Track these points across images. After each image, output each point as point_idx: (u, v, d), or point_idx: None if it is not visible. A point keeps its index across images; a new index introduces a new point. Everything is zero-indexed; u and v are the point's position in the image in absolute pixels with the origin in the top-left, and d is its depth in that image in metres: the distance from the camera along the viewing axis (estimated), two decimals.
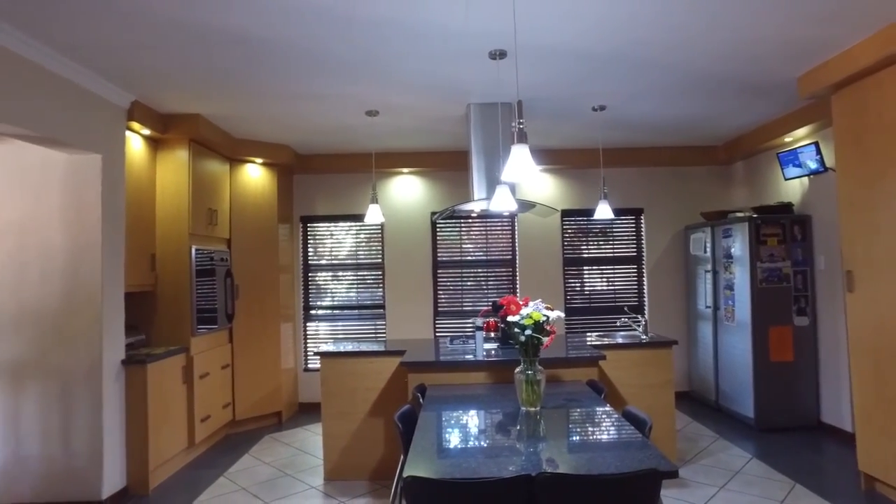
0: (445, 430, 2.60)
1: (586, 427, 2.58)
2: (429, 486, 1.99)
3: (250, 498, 3.80)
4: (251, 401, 5.48)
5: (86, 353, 3.75)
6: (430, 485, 1.98)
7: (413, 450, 2.34)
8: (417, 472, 2.06)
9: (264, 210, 5.68)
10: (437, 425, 2.67)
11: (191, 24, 2.94)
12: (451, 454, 2.28)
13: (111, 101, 3.90)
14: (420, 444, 2.39)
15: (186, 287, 4.66)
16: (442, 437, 2.49)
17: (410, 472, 2.05)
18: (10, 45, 3.01)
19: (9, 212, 3.82)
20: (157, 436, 4.09)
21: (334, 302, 6.41)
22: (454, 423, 2.71)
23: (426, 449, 2.34)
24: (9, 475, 3.71)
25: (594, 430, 2.52)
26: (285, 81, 3.83)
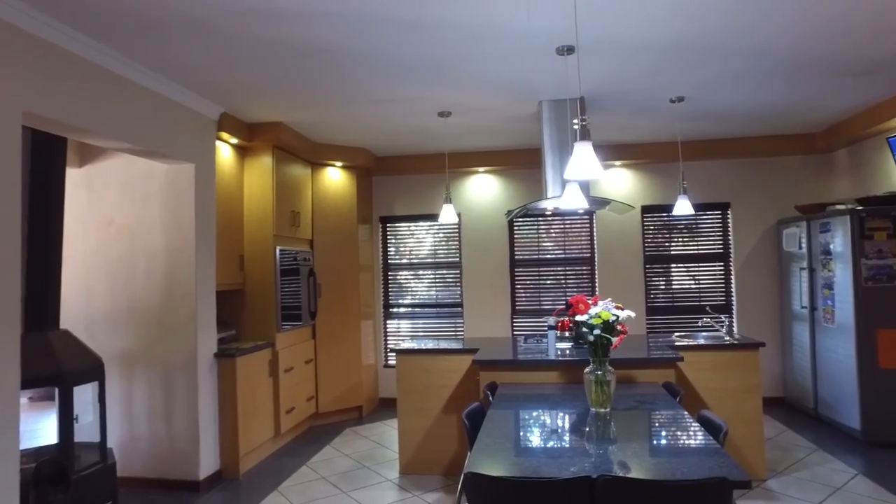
0: (511, 429, 2.60)
1: (656, 430, 2.50)
2: (488, 484, 2.01)
3: (329, 487, 3.98)
4: (333, 395, 5.73)
5: (183, 345, 4.09)
6: (490, 482, 2.00)
7: (476, 447, 2.36)
8: (478, 469, 2.09)
9: (344, 211, 5.91)
10: (503, 423, 2.68)
11: (275, 39, 3.13)
12: (514, 452, 2.28)
13: (203, 113, 4.22)
14: (484, 442, 2.41)
15: (271, 286, 4.94)
16: (507, 436, 2.50)
17: (471, 469, 2.08)
18: (115, 68, 3.33)
19: (122, 218, 4.22)
20: (246, 424, 4.38)
21: (413, 300, 6.55)
22: (520, 422, 2.71)
23: (489, 446, 2.36)
24: (125, 452, 4.12)
25: (664, 434, 2.44)
26: (361, 87, 3.97)
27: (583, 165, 2.37)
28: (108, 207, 4.26)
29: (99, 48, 3.16)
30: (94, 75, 3.21)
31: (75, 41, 3.03)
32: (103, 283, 4.24)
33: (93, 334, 4.22)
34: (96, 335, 4.21)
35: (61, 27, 2.91)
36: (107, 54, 3.23)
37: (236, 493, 3.95)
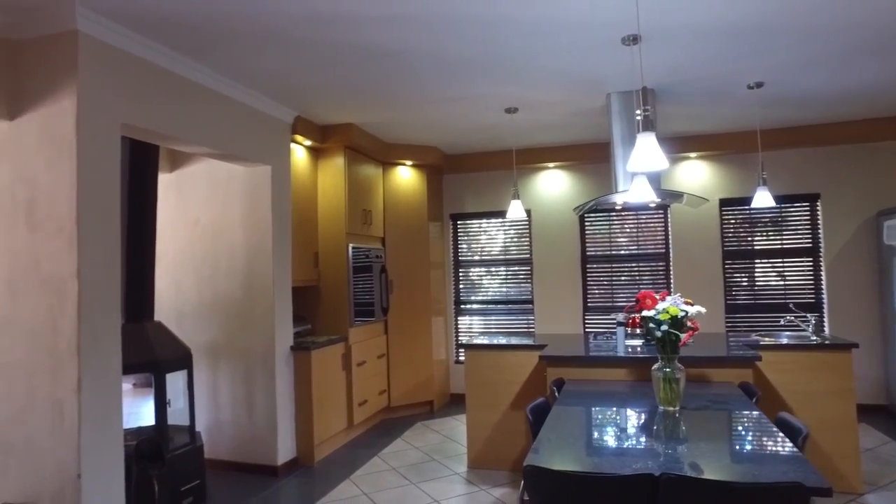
0: (575, 424, 2.58)
1: (727, 431, 2.39)
2: (547, 477, 2.00)
3: (399, 478, 4.09)
4: (405, 389, 5.86)
5: (262, 338, 4.32)
6: (549, 475, 2.00)
7: (538, 440, 2.36)
8: (538, 463, 2.09)
9: (415, 209, 6.02)
10: (567, 419, 2.66)
11: (344, 44, 3.25)
12: (576, 447, 2.26)
13: (278, 117, 4.43)
14: (546, 436, 2.40)
15: (344, 282, 5.12)
16: (570, 431, 2.48)
17: (530, 462, 2.09)
18: (199, 79, 3.57)
19: (206, 217, 4.52)
20: (320, 415, 4.56)
21: (484, 297, 6.58)
22: (585, 418, 2.68)
23: (551, 440, 2.34)
24: (212, 436, 4.42)
25: (735, 436, 2.33)
26: (428, 86, 4.04)
27: (646, 157, 2.30)
28: (194, 208, 4.57)
29: (185, 62, 3.41)
30: (181, 87, 3.46)
31: (164, 56, 3.28)
32: (190, 278, 4.56)
33: (182, 326, 4.54)
34: (185, 327, 4.54)
35: (153, 45, 3.16)
36: (192, 67, 3.47)
37: (311, 480, 4.14)
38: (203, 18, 2.90)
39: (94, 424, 2.82)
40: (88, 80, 2.87)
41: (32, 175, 2.90)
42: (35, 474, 2.82)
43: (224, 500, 3.79)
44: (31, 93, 2.91)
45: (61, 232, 2.82)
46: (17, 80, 2.94)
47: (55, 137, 2.85)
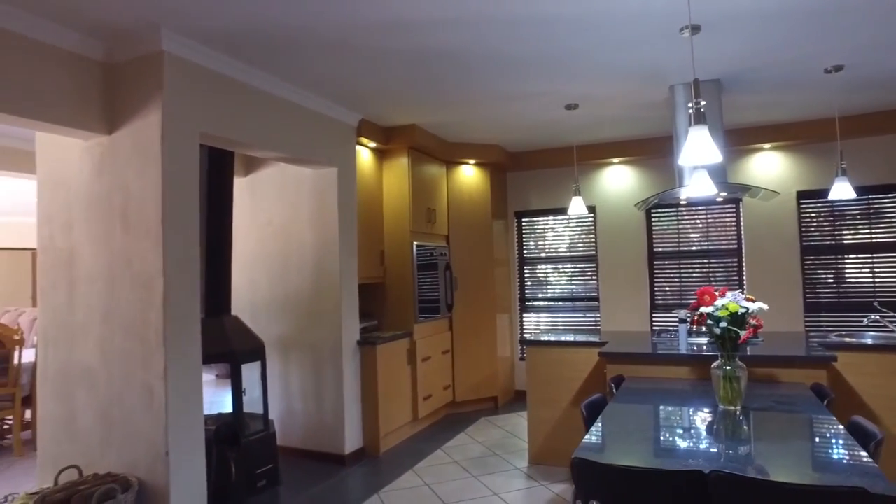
0: (629, 420, 2.57)
1: (789, 432, 2.31)
2: (595, 470, 2.02)
3: (461, 471, 4.18)
4: (469, 384, 5.94)
5: (330, 332, 4.53)
6: (596, 468, 2.01)
7: (589, 434, 2.38)
8: (586, 455, 2.11)
9: (479, 207, 6.09)
10: (621, 415, 2.65)
11: (405, 49, 3.38)
12: (627, 442, 2.26)
13: (343, 121, 4.63)
14: (598, 431, 2.41)
15: (409, 279, 5.26)
16: (623, 426, 2.47)
17: (579, 455, 2.11)
18: (269, 88, 3.81)
19: (278, 218, 4.79)
20: (386, 407, 4.73)
21: (549, 294, 6.56)
22: (640, 414, 2.66)
23: (603, 435, 2.36)
24: (285, 424, 4.68)
25: (798, 437, 2.25)
26: (487, 86, 4.10)
27: (698, 151, 2.26)
28: (267, 209, 4.86)
29: (256, 73, 3.65)
30: (253, 97, 3.71)
31: (238, 69, 3.52)
32: (264, 275, 4.85)
33: (257, 320, 4.84)
34: (259, 321, 4.83)
35: (227, 59, 3.40)
36: (263, 78, 3.71)
37: (377, 469, 4.31)
38: (272, 33, 3.10)
39: (178, 408, 3.09)
40: (171, 94, 3.14)
41: (126, 183, 3.20)
42: (132, 449, 3.13)
43: (295, 485, 4.02)
44: (126, 110, 3.22)
45: (149, 234, 3.11)
46: (115, 99, 3.26)
47: (144, 149, 3.14)
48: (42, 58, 2.96)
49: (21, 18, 2.82)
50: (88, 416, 3.30)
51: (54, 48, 3.02)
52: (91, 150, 3.34)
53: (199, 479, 3.18)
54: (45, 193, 3.57)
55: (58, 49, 3.03)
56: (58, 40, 3.01)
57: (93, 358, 3.29)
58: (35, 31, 2.90)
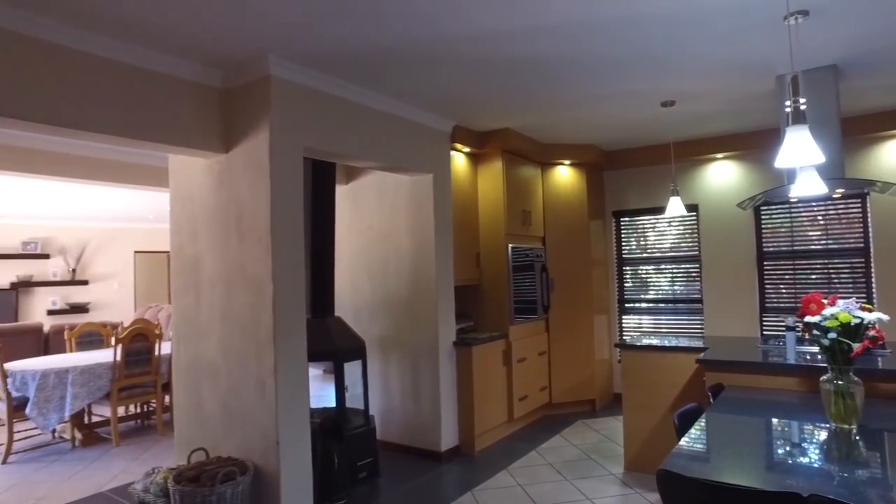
0: (723, 432, 2.46)
1: None
2: (681, 484, 1.98)
3: (554, 473, 4.18)
4: (566, 386, 5.89)
5: (427, 333, 4.70)
6: (682, 482, 1.97)
7: (678, 446, 2.32)
8: (673, 468, 2.07)
9: (575, 208, 6.01)
10: (715, 427, 2.55)
11: (496, 57, 3.45)
12: (719, 456, 2.19)
13: (437, 128, 4.78)
14: (688, 442, 2.34)
15: (505, 281, 5.32)
16: (716, 439, 2.38)
17: (666, 467, 2.07)
18: (365, 101, 4.02)
19: (377, 223, 5.04)
20: (481, 407, 4.83)
21: (649, 295, 6.35)
22: (737, 427, 2.54)
23: (694, 447, 2.29)
24: (384, 420, 4.93)
25: None
26: (579, 88, 4.06)
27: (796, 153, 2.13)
28: (367, 215, 5.12)
29: (354, 89, 3.87)
30: (351, 110, 3.94)
31: (336, 86, 3.76)
32: (365, 278, 5.12)
33: (359, 320, 5.12)
34: (361, 321, 5.11)
35: (327, 77, 3.65)
36: (360, 92, 3.93)
37: (471, 467, 4.42)
38: (366, 52, 3.29)
39: (287, 401, 3.37)
40: (278, 114, 3.43)
41: (240, 196, 3.54)
42: (248, 436, 3.46)
43: (394, 478, 4.23)
44: (240, 130, 3.56)
45: (260, 241, 3.42)
46: (230, 120, 3.61)
47: (255, 164, 3.46)
48: (173, 90, 3.36)
49: (155, 57, 3.22)
50: (212, 406, 3.69)
51: (181, 80, 3.41)
52: (211, 168, 3.73)
53: (305, 466, 3.46)
54: (175, 206, 4.03)
55: (184, 80, 3.42)
56: (184, 73, 3.40)
57: (215, 354, 3.68)
58: (166, 67, 3.30)
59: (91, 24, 2.86)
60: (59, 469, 4.67)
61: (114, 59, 3.10)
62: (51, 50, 2.87)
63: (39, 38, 2.82)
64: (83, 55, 2.99)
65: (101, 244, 10.72)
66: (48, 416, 5.00)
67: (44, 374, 5.01)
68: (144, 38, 3.04)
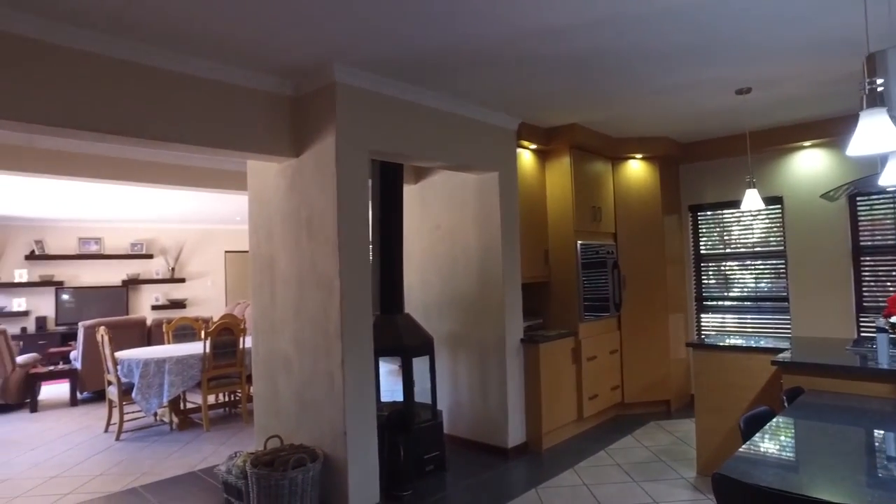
0: (791, 438, 2.34)
1: None
2: (738, 490, 1.91)
3: (622, 474, 4.10)
4: (639, 386, 5.74)
5: (494, 330, 4.73)
6: (740, 488, 1.91)
7: (740, 450, 2.23)
8: (731, 473, 2.00)
9: (648, 203, 5.83)
10: (786, 432, 2.42)
11: (562, 53, 3.43)
12: (782, 463, 2.08)
13: (502, 126, 4.79)
14: (753, 447, 2.25)
15: (574, 278, 5.26)
16: (784, 445, 2.27)
17: (723, 471, 2.00)
18: (428, 102, 4.11)
19: (445, 222, 5.13)
20: (549, 405, 4.80)
21: (730, 293, 6.04)
22: (810, 433, 2.40)
23: (757, 452, 2.19)
24: (453, 415, 5.02)
25: None
26: (647, 80, 3.95)
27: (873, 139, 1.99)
28: (435, 214, 5.22)
29: (418, 91, 3.97)
30: (416, 112, 4.04)
31: (400, 89, 3.87)
32: (434, 276, 5.22)
33: (428, 317, 5.24)
34: (430, 318, 5.22)
35: (390, 81, 3.77)
36: (423, 94, 4.02)
37: (538, 465, 4.41)
38: (430, 54, 3.37)
39: (354, 393, 3.53)
40: (343, 118, 3.58)
41: (310, 198, 3.73)
42: (318, 426, 3.66)
43: (460, 472, 4.30)
44: (309, 135, 3.75)
45: (328, 241, 3.59)
46: (301, 126, 3.82)
47: (323, 168, 3.63)
48: (249, 101, 3.60)
49: (232, 72, 3.47)
50: (287, 396, 3.92)
51: (256, 91, 3.64)
52: (284, 172, 3.95)
53: (372, 457, 3.60)
54: (253, 208, 4.30)
55: (259, 91, 3.66)
56: (259, 84, 3.63)
57: (289, 347, 3.90)
58: (243, 80, 3.54)
59: (175, 43, 3.12)
60: (160, 448, 5.12)
61: (196, 76, 3.37)
62: (143, 71, 3.16)
63: (132, 61, 3.12)
64: (165, 73, 3.27)
65: (196, 245, 11.55)
66: (150, 400, 5.49)
67: (146, 363, 5.51)
68: (222, 54, 3.27)
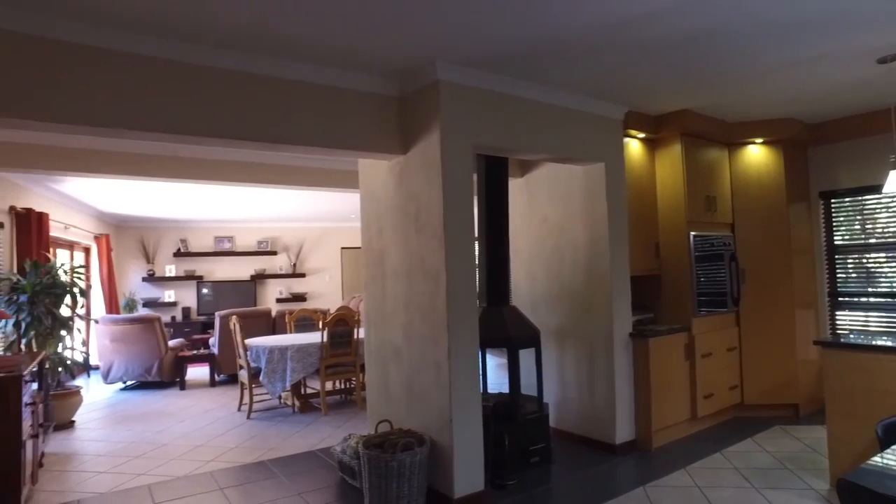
0: None
1: None
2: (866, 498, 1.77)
3: (740, 479, 3.87)
4: (761, 387, 5.36)
5: (602, 324, 4.65)
6: (863, 493, 1.76)
7: (874, 459, 2.05)
8: (860, 480, 1.85)
9: (771, 190, 5.42)
10: None
11: (672, 36, 3.30)
12: None
13: (608, 116, 4.67)
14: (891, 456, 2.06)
15: (686, 271, 5.02)
16: None
17: (850, 478, 1.86)
18: (532, 95, 4.11)
19: (552, 215, 5.10)
20: (659, 402, 4.63)
21: (874, 288, 5.46)
22: None
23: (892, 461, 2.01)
24: (560, 409, 4.99)
25: None
26: (771, 54, 3.66)
27: None
28: (542, 207, 5.20)
29: (519, 84, 3.99)
30: (518, 105, 4.06)
31: (501, 83, 3.91)
32: (541, 270, 5.21)
33: (536, 311, 5.23)
34: (538, 311, 5.21)
35: (492, 76, 3.83)
36: (525, 86, 4.03)
37: (646, 463, 4.28)
38: (531, 46, 3.39)
39: (460, 383, 3.63)
40: (447, 115, 3.68)
41: (417, 193, 3.89)
42: (426, 413, 3.81)
43: (566, 465, 4.28)
44: (415, 132, 3.90)
45: (435, 235, 3.72)
46: (407, 124, 3.98)
47: (429, 163, 3.76)
48: (359, 103, 3.82)
49: (343, 76, 3.70)
50: (397, 384, 4.11)
51: (366, 93, 3.86)
52: (392, 169, 4.14)
53: (477, 445, 3.69)
54: (364, 205, 4.55)
55: (368, 93, 3.87)
56: (367, 87, 3.84)
57: (398, 338, 4.09)
58: (352, 83, 3.77)
59: (290, 53, 3.39)
60: (284, 428, 5.58)
61: (310, 83, 3.63)
62: (263, 80, 3.47)
63: (252, 73, 3.43)
64: (279, 81, 3.55)
65: (315, 242, 12.33)
66: (275, 384, 5.99)
67: (271, 350, 6.01)
68: (333, 59, 3.50)
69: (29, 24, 2.82)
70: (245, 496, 3.88)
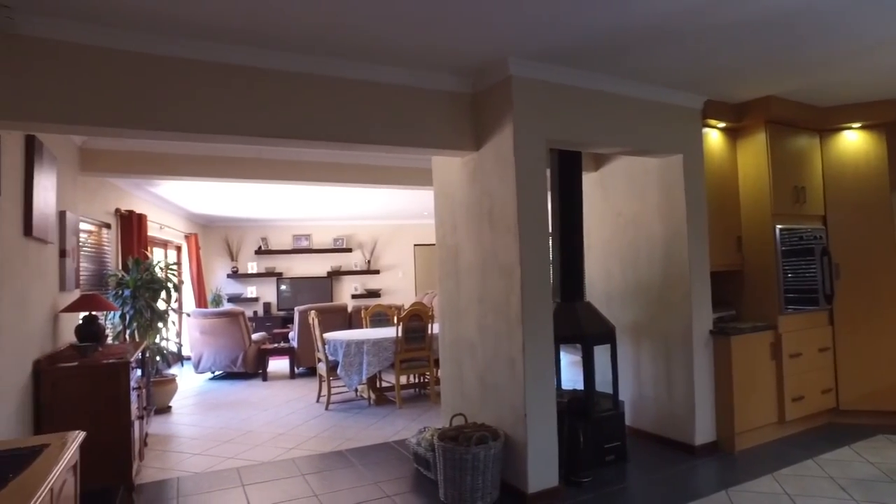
0: None
1: None
2: None
3: (836, 489, 3.64)
4: (861, 392, 5.00)
5: (680, 321, 4.50)
6: None
7: None
8: None
9: (870, 179, 5.03)
10: None
11: (759, 16, 3.11)
12: None
13: (685, 105, 4.50)
14: None
15: (772, 266, 4.77)
16: None
17: None
18: (605, 87, 4.04)
19: (627, 209, 4.99)
20: (742, 403, 4.43)
21: None
22: None
23: None
24: (635, 407, 4.88)
25: None
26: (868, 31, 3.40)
27: None
28: (617, 202, 5.09)
29: (591, 76, 3.93)
30: (590, 98, 4.00)
31: (573, 76, 3.87)
32: (617, 265, 5.11)
33: (611, 307, 5.13)
34: (613, 307, 5.11)
35: (563, 69, 3.79)
36: (597, 79, 3.97)
37: (730, 466, 4.10)
38: (603, 37, 3.33)
39: (533, 378, 3.63)
40: (520, 110, 3.68)
41: (491, 189, 3.91)
42: (500, 408, 3.83)
43: (642, 465, 4.18)
44: (488, 129, 3.93)
45: (509, 230, 3.73)
46: (480, 121, 4.01)
47: (502, 159, 3.78)
48: (433, 101, 3.89)
49: (416, 75, 3.78)
50: (471, 378, 4.16)
51: (439, 91, 3.92)
52: (466, 165, 4.19)
53: (551, 440, 3.68)
54: (438, 202, 4.62)
55: (441, 91, 3.93)
56: (443, 86, 3.91)
57: (472, 333, 4.13)
58: (426, 82, 3.84)
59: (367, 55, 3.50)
60: (360, 419, 5.76)
61: (386, 83, 3.74)
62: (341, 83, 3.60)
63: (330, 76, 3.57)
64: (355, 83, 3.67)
65: (388, 239, 12.61)
66: (352, 377, 6.19)
67: (348, 344, 6.21)
68: (408, 60, 3.59)
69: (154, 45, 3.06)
70: (325, 483, 4.05)
